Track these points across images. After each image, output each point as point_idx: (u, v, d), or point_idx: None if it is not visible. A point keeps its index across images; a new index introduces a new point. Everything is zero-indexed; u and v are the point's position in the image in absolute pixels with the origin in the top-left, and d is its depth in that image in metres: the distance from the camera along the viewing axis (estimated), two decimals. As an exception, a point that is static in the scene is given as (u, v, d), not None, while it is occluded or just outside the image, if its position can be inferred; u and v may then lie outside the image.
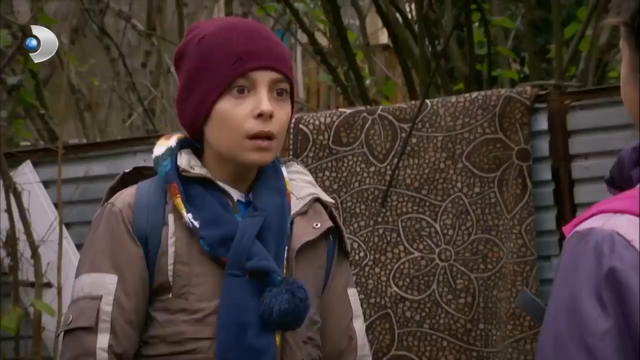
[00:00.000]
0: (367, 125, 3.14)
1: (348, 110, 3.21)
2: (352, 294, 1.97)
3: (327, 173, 3.15)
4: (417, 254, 3.04)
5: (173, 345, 1.79)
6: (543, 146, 3.02)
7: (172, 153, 1.86)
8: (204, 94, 1.83)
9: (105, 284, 1.80)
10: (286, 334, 1.82)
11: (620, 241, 1.16)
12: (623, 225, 1.17)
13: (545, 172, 3.02)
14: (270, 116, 1.82)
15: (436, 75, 3.65)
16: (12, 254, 3.45)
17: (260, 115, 1.81)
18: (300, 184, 1.92)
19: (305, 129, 3.18)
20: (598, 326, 1.14)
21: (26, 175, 3.52)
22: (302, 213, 1.88)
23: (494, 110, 3.00)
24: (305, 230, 1.86)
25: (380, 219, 3.07)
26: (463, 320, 2.96)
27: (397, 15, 4.13)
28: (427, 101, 3.11)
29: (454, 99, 3.10)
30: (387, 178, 3.07)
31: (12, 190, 3.41)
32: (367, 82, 4.30)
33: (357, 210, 3.10)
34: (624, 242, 1.16)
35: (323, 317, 1.91)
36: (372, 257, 3.06)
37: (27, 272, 3.48)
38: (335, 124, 3.17)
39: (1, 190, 3.44)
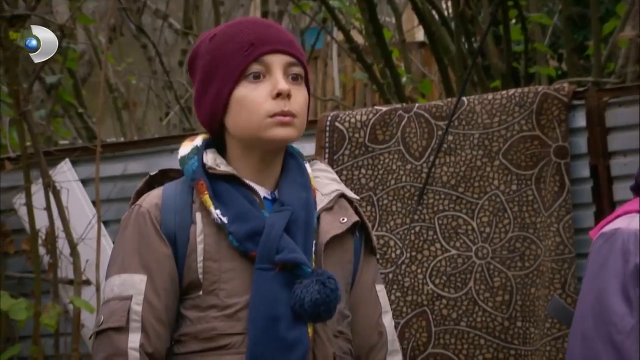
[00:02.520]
0: (403, 123, 3.13)
1: (384, 108, 3.21)
2: (380, 289, 1.97)
3: (362, 171, 3.14)
4: (453, 251, 3.03)
5: (205, 342, 1.80)
6: (581, 143, 3.00)
7: (198, 152, 1.87)
8: (221, 85, 1.85)
9: (135, 283, 1.81)
10: (317, 327, 1.81)
11: None
12: None
13: (583, 170, 2.99)
14: (288, 95, 1.83)
15: (472, 73, 3.63)
16: (52, 252, 3.48)
17: (278, 95, 1.83)
18: (325, 181, 1.93)
19: (341, 126, 3.18)
20: (625, 323, 1.14)
21: (65, 173, 3.56)
22: (328, 208, 1.89)
23: (531, 107, 2.99)
24: (333, 225, 1.87)
25: (416, 217, 3.06)
26: (500, 318, 2.94)
27: (433, 12, 4.12)
28: (464, 98, 3.09)
29: (490, 96, 3.09)
30: (424, 176, 3.07)
31: (51, 188, 3.45)
32: (403, 79, 4.29)
33: (393, 208, 3.09)
34: None
35: (352, 313, 1.91)
36: (408, 255, 3.05)
37: (66, 270, 3.51)
38: (371, 121, 3.16)
39: (40, 188, 3.47)
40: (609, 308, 1.16)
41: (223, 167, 1.86)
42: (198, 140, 1.90)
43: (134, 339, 1.79)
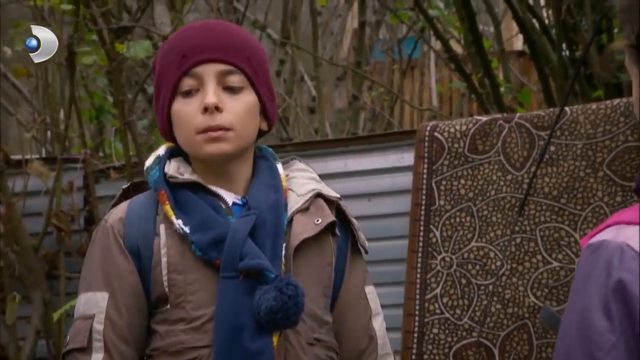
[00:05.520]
0: (503, 133, 3.10)
1: (484, 118, 3.18)
2: (370, 291, 1.90)
3: (462, 181, 3.12)
4: (556, 264, 2.98)
5: (173, 356, 1.75)
6: (689, 154, 2.93)
7: (160, 161, 1.82)
8: (163, 100, 1.81)
9: (97, 301, 1.77)
10: (289, 336, 1.75)
11: (630, 252, 1.13)
12: (633, 236, 1.13)
13: (691, 181, 2.92)
14: (217, 108, 1.76)
15: (575, 82, 3.58)
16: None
17: (206, 110, 1.76)
18: (302, 180, 1.85)
19: (440, 136, 3.17)
20: (605, 340, 1.10)
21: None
22: (303, 210, 1.81)
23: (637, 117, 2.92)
24: (306, 227, 1.79)
25: (517, 228, 3.02)
26: (603, 333, 2.89)
27: (534, 21, 4.07)
28: (567, 108, 3.05)
29: (594, 106, 3.03)
30: (524, 186, 3.03)
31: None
32: (502, 89, 4.25)
33: (494, 219, 3.06)
34: (633, 253, 1.13)
35: (341, 316, 1.84)
36: (509, 267, 3.02)
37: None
38: (471, 131, 3.14)
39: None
40: (590, 323, 1.13)
41: (187, 175, 1.80)
42: (161, 150, 1.85)
43: (97, 359, 1.74)
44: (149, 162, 1.85)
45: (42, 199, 3.63)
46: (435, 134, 3.17)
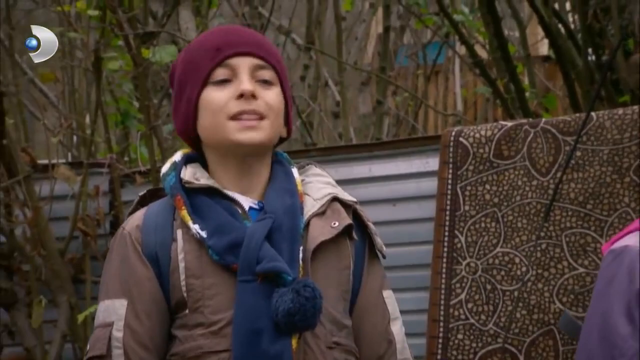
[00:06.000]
0: (529, 138, 3.09)
1: (509, 123, 3.17)
2: (388, 295, 1.88)
3: (487, 187, 3.11)
4: (581, 269, 2.96)
5: None
6: None
7: (175, 167, 1.82)
8: (190, 91, 1.80)
9: (116, 309, 1.77)
10: (308, 339, 1.74)
11: None
12: None
13: None
14: (253, 96, 1.76)
15: (601, 87, 3.56)
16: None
17: (241, 96, 1.76)
18: (318, 185, 1.85)
19: (465, 142, 3.16)
20: (628, 346, 1.09)
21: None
22: (320, 214, 1.80)
23: (664, 122, 2.91)
24: (323, 230, 1.78)
25: (543, 234, 3.01)
26: (630, 340, 2.87)
27: (560, 25, 4.05)
28: (593, 114, 3.03)
29: (621, 111, 3.02)
30: (550, 192, 3.01)
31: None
32: (527, 94, 4.24)
33: (519, 225, 3.05)
34: None
35: (359, 321, 1.83)
36: (534, 273, 3.01)
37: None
38: (496, 137, 3.13)
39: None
40: (613, 329, 1.12)
41: (203, 180, 1.80)
42: (177, 156, 1.85)
43: None
44: (165, 168, 1.85)
45: (68, 204, 3.65)
46: (460, 139, 3.16)
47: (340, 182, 1.93)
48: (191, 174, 1.81)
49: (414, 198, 3.33)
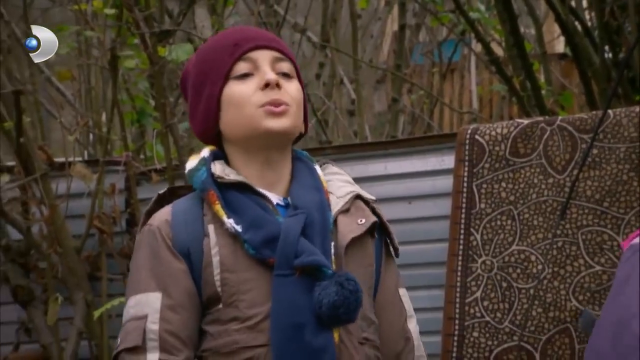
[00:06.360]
0: (545, 136, 3.08)
1: (525, 121, 3.16)
2: (404, 293, 1.89)
3: (503, 184, 3.10)
4: (598, 267, 2.95)
5: (227, 356, 1.72)
6: None
7: (205, 163, 1.81)
8: (211, 88, 1.80)
9: (150, 302, 1.74)
10: (342, 334, 1.73)
11: None
12: None
13: None
14: (278, 85, 1.78)
15: (618, 85, 3.54)
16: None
17: (267, 86, 1.77)
18: (338, 183, 1.86)
19: (481, 139, 3.15)
20: None
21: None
22: (345, 211, 1.81)
23: (681, 120, 2.89)
24: (351, 227, 1.79)
25: (559, 232, 3.00)
26: (647, 338, 2.86)
27: (576, 23, 4.04)
28: (610, 111, 3.02)
29: (637, 108, 3.00)
30: (566, 190, 3.00)
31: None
32: (543, 92, 4.22)
33: (535, 223, 3.04)
34: None
35: (378, 318, 1.83)
36: (550, 271, 3.00)
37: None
38: (512, 134, 3.12)
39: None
40: (627, 326, 1.10)
41: (233, 176, 1.80)
42: (205, 152, 1.84)
43: (153, 359, 1.71)
44: (192, 164, 1.83)
45: (84, 201, 3.66)
46: (476, 136, 3.16)
47: (356, 180, 1.93)
48: (221, 169, 1.81)
49: (429, 196, 3.33)
